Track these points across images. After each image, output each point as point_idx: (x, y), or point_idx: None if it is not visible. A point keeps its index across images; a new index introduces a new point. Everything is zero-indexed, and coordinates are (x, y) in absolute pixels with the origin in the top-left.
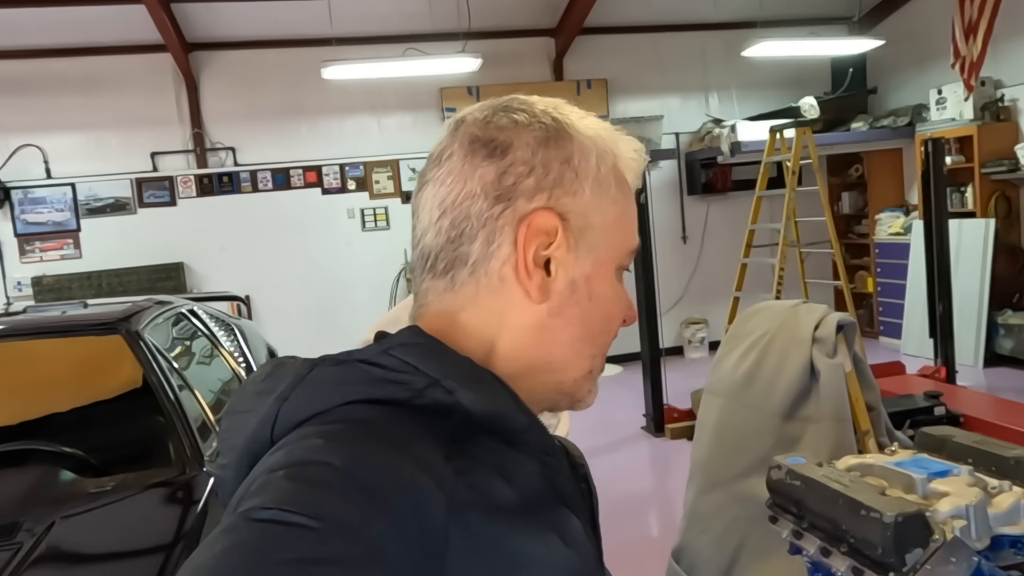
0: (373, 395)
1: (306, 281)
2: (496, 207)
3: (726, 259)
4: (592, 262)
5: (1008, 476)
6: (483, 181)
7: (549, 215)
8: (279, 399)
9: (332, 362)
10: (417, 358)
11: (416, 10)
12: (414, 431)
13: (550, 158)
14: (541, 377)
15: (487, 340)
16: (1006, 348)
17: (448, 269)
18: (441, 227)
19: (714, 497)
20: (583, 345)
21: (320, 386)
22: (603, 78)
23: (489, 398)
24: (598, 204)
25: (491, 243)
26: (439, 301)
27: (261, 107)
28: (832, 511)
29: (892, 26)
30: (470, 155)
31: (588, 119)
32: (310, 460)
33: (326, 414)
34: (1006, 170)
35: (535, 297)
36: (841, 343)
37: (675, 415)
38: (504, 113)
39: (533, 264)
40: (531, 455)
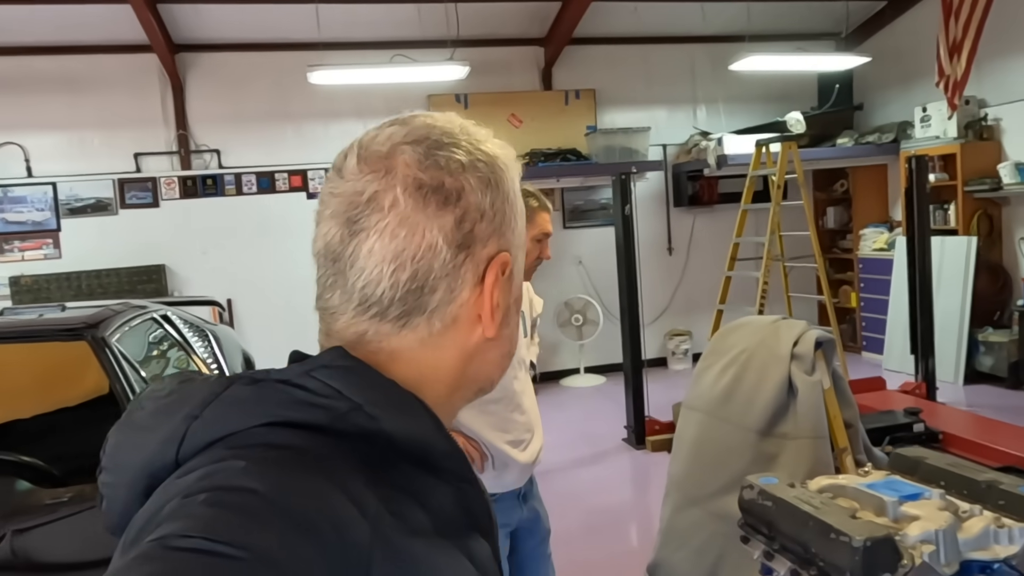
0: (293, 418)
1: (289, 286)
2: (459, 256)
3: (711, 271)
4: (518, 285)
5: (979, 500)
6: (443, 232)
7: (506, 256)
8: (188, 417)
9: (248, 381)
10: (341, 382)
11: (405, 17)
12: (336, 457)
13: (496, 199)
14: (471, 387)
15: (421, 372)
16: (986, 365)
17: (403, 317)
18: (398, 280)
19: (691, 514)
20: (508, 360)
21: (236, 406)
22: (591, 88)
23: (412, 425)
24: (521, 228)
25: (452, 291)
26: (376, 338)
27: (247, 110)
28: (802, 534)
29: (878, 43)
30: (421, 204)
31: (491, 138)
32: (232, 486)
33: (241, 435)
34: (988, 188)
35: (490, 332)
36: (820, 360)
37: (656, 427)
38: (440, 152)
39: (496, 305)
40: (448, 481)
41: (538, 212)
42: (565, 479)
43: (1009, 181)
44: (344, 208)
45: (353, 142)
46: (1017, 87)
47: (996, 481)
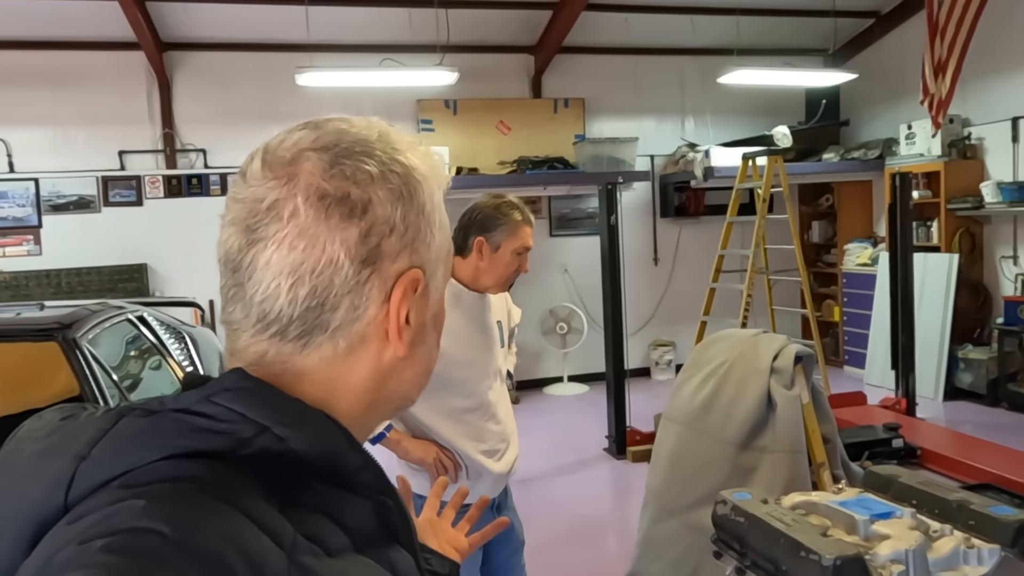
0: (193, 448)
1: None
2: (363, 272)
3: (696, 282)
4: (438, 300)
5: (950, 520)
6: (346, 245)
7: (417, 273)
8: (76, 458)
9: (142, 413)
10: (244, 405)
11: (395, 21)
12: (245, 486)
13: (408, 212)
14: (381, 410)
15: (329, 391)
16: (965, 382)
17: (303, 335)
18: (296, 296)
19: (668, 525)
20: (426, 378)
21: (129, 441)
22: (580, 97)
23: (322, 441)
24: (441, 242)
25: (357, 308)
26: (279, 359)
27: (234, 110)
28: (773, 550)
29: (865, 60)
30: (324, 215)
31: (415, 146)
32: (133, 528)
33: (138, 472)
34: (971, 207)
35: (401, 352)
36: (799, 374)
37: (638, 438)
38: (347, 160)
39: (404, 324)
40: (364, 496)
41: (521, 225)
42: (545, 487)
43: (991, 200)
44: (244, 215)
45: (261, 145)
46: (999, 107)
47: (967, 501)
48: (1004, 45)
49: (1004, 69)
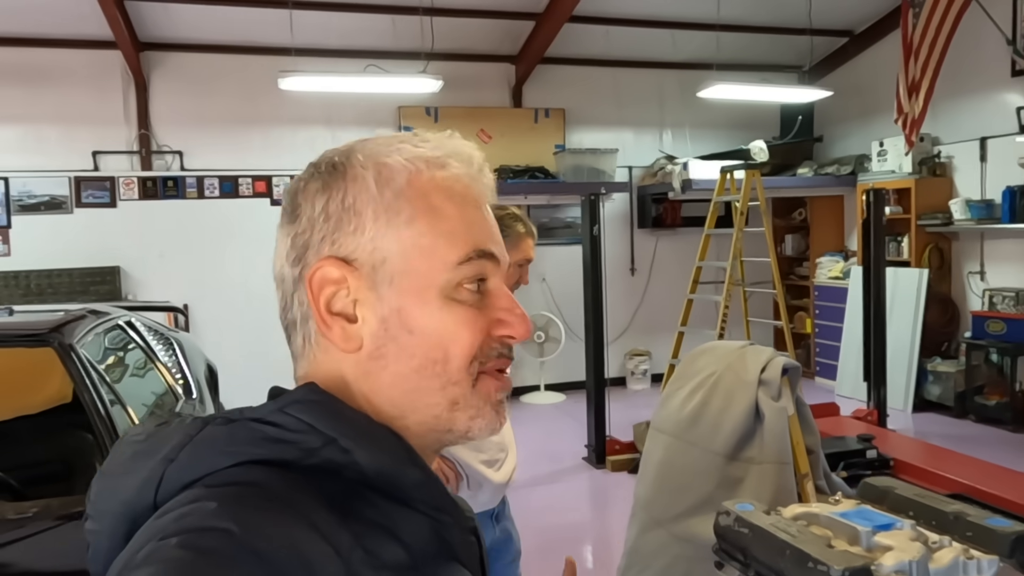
0: (263, 455)
1: (249, 294)
2: (296, 268)
3: (672, 293)
4: (398, 293)
5: (947, 531)
6: (286, 247)
7: (328, 263)
8: (165, 460)
9: (223, 421)
10: (313, 416)
11: (379, 27)
12: (308, 494)
13: (328, 204)
14: (403, 423)
15: (343, 395)
16: (934, 394)
17: (288, 337)
18: (278, 298)
19: (656, 536)
20: (419, 380)
21: (209, 446)
22: (561, 108)
23: (383, 455)
24: (386, 231)
25: (302, 304)
26: (297, 368)
27: (212, 112)
28: (779, 562)
29: (839, 78)
30: (280, 226)
31: (386, 144)
32: (203, 527)
33: (216, 476)
34: (940, 223)
35: (341, 347)
36: (785, 386)
37: (617, 447)
38: (298, 177)
39: (329, 315)
40: (422, 512)
41: (524, 237)
42: (523, 497)
43: (960, 217)
44: None
45: None
46: (968, 127)
47: (963, 513)
48: (973, 68)
49: (973, 91)
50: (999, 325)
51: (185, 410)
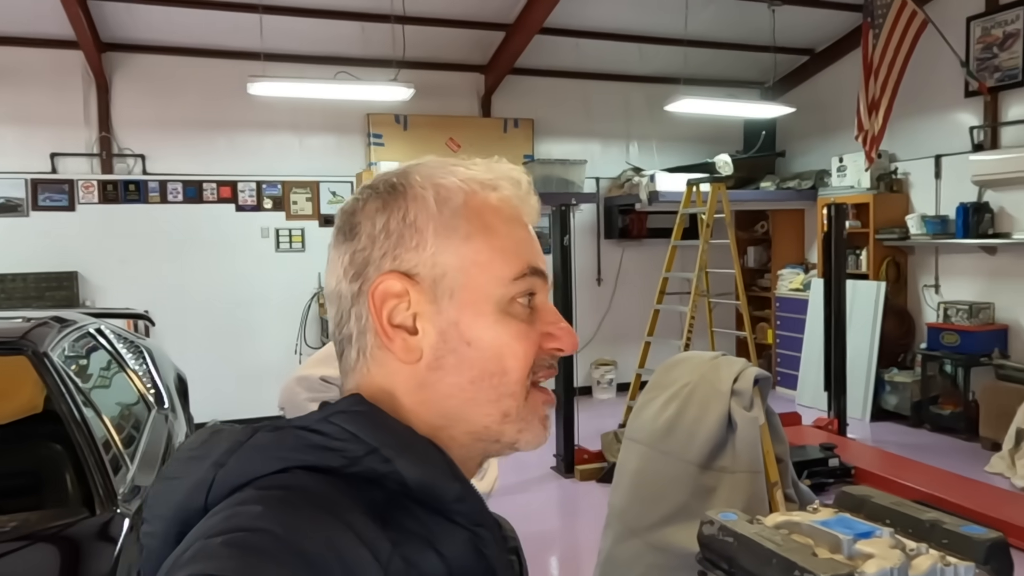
0: (308, 462)
1: (212, 300)
2: (355, 284)
3: (637, 303)
4: (457, 307)
5: (924, 539)
6: (343, 264)
7: (391, 278)
8: (215, 465)
9: (271, 428)
10: (357, 426)
11: (348, 34)
12: (351, 500)
13: (389, 221)
14: (450, 432)
15: (392, 408)
16: (891, 404)
17: (342, 351)
18: (331, 314)
19: (631, 545)
20: (475, 391)
21: (258, 451)
22: (530, 118)
23: (424, 467)
24: (447, 247)
25: (360, 319)
26: (347, 381)
27: (176, 116)
28: (765, 570)
29: (801, 95)
30: (336, 245)
31: (442, 169)
32: (249, 527)
33: (263, 480)
34: (897, 237)
35: (403, 358)
36: (756, 396)
37: (585, 456)
38: (354, 196)
39: (391, 327)
40: (462, 525)
41: None
42: (493, 507)
43: (915, 231)
44: None
45: None
46: (924, 145)
47: (939, 520)
48: (929, 88)
49: (929, 110)
50: (953, 337)
51: (157, 420)
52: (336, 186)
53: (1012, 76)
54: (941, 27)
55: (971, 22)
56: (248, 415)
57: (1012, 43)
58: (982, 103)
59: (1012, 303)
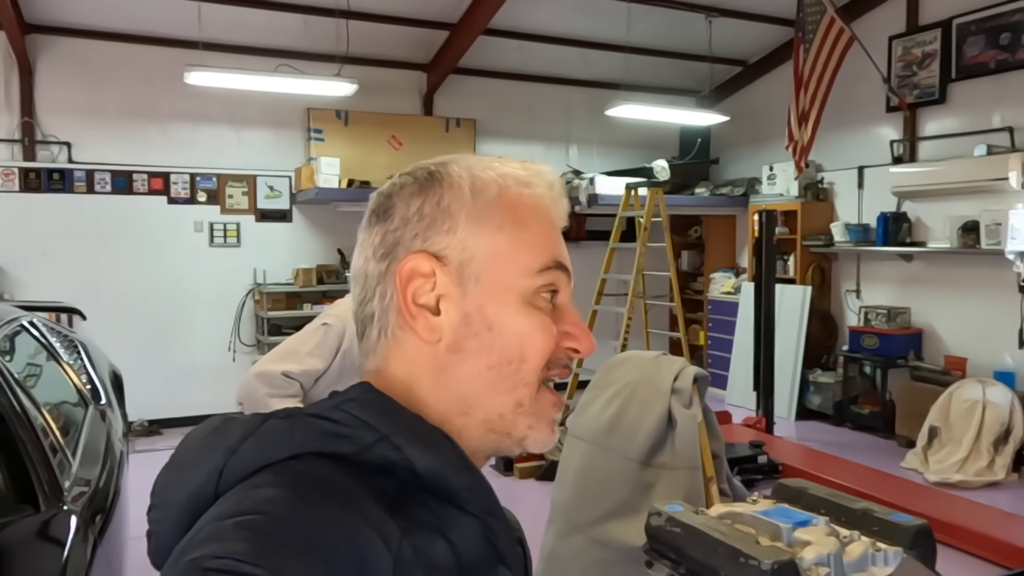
0: (321, 448)
1: (141, 295)
2: (383, 263)
3: (576, 304)
4: (483, 291)
5: (856, 526)
6: (373, 245)
7: (420, 257)
8: (228, 451)
9: (282, 415)
10: (368, 413)
11: (290, 27)
12: (362, 487)
13: (423, 205)
14: (465, 420)
15: (407, 391)
16: (815, 403)
17: (363, 330)
18: (355, 294)
19: (574, 540)
20: (493, 377)
21: (269, 439)
22: (472, 118)
23: (435, 456)
24: (478, 234)
25: (385, 297)
26: (367, 362)
27: (106, 103)
28: (712, 558)
29: (734, 104)
30: (368, 226)
31: (478, 163)
32: (262, 510)
33: (275, 466)
34: (822, 244)
35: (425, 337)
36: (695, 395)
37: (524, 454)
38: (390, 180)
39: (415, 306)
40: (473, 514)
41: None
42: None
43: (839, 239)
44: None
45: None
46: (848, 156)
47: (869, 510)
48: (855, 103)
49: (853, 123)
50: (873, 340)
51: (94, 416)
52: (274, 180)
53: (929, 94)
54: (866, 45)
55: (893, 41)
56: (179, 415)
57: (930, 62)
58: (902, 118)
59: (926, 308)
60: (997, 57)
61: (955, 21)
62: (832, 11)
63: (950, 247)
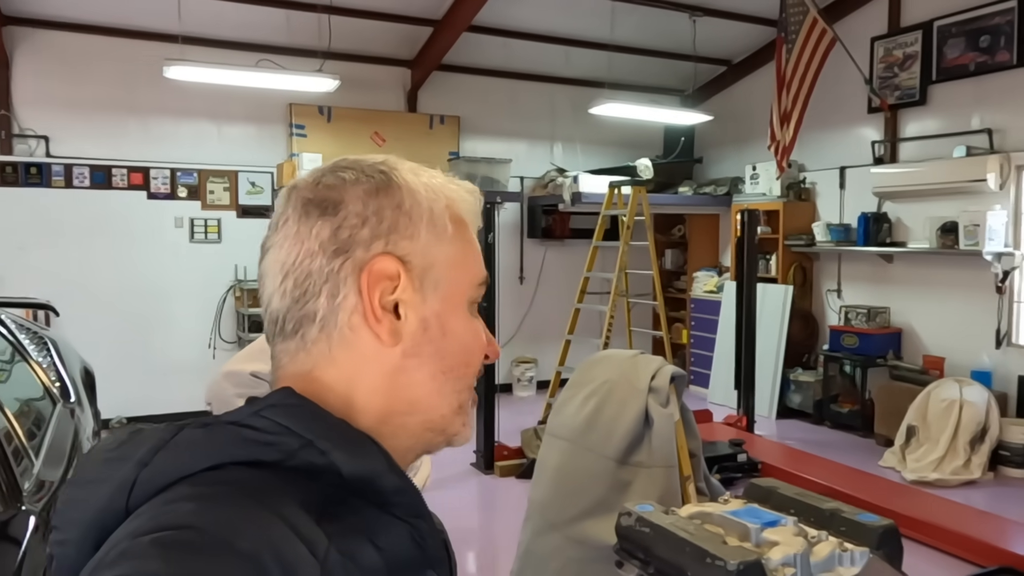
0: (243, 457)
1: (120, 291)
2: (335, 260)
3: (559, 302)
4: (440, 299)
5: (824, 526)
6: (320, 239)
7: (388, 259)
8: (138, 464)
9: (199, 425)
10: (290, 419)
11: (273, 21)
12: (287, 495)
13: (382, 206)
14: (404, 420)
15: (346, 393)
16: (795, 402)
17: (297, 329)
18: (285, 289)
19: (550, 539)
20: (444, 381)
21: (186, 449)
22: (456, 115)
23: (362, 460)
24: (436, 244)
25: (336, 296)
26: (293, 363)
27: (85, 97)
28: (679, 558)
29: (718, 104)
30: (304, 217)
31: (418, 170)
32: (179, 525)
33: (193, 478)
34: (804, 244)
35: (387, 341)
36: (672, 393)
37: (505, 453)
38: (332, 173)
39: (381, 309)
40: (401, 518)
41: None
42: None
43: (821, 239)
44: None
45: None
46: (830, 157)
47: (838, 510)
48: (836, 103)
49: (835, 124)
50: (853, 339)
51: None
52: (255, 176)
53: (910, 95)
54: (848, 46)
55: (875, 42)
56: (158, 412)
57: (911, 64)
58: (883, 119)
59: (905, 308)
60: (977, 59)
61: (936, 23)
62: (815, 12)
63: (929, 247)
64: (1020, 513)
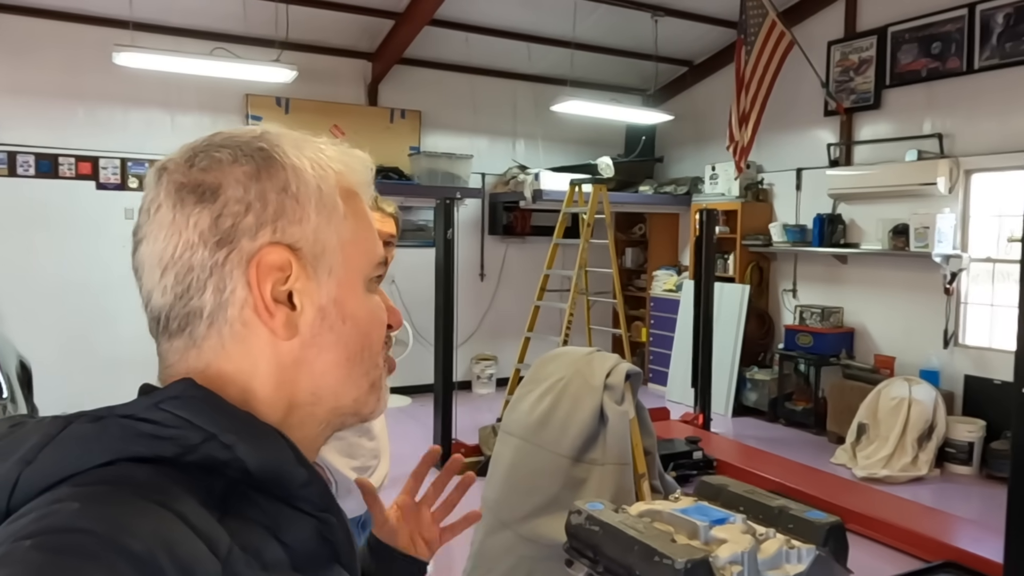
0: (138, 453)
1: (66, 285)
2: (219, 252)
3: (519, 299)
4: (336, 284)
5: (773, 524)
6: (199, 229)
7: (277, 249)
8: (20, 462)
9: (90, 419)
10: (192, 412)
11: (227, 10)
12: (186, 491)
13: (265, 189)
14: (311, 410)
15: (244, 389)
16: (751, 400)
17: (183, 327)
18: (166, 285)
19: (502, 537)
20: (349, 367)
21: (75, 445)
22: (417, 110)
23: (268, 452)
24: (328, 225)
25: (223, 290)
26: (183, 361)
27: (30, 83)
28: (627, 557)
29: (679, 104)
30: (179, 204)
31: (302, 143)
32: (65, 527)
33: (82, 476)
34: (761, 244)
35: (282, 334)
36: (628, 391)
37: (463, 450)
38: (205, 154)
39: (273, 302)
40: (307, 512)
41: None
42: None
43: (777, 239)
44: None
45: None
46: (787, 159)
47: (786, 507)
48: (793, 106)
49: (792, 126)
50: (807, 338)
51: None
52: None
53: (865, 99)
54: (806, 49)
55: (832, 46)
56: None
57: (866, 68)
58: (839, 122)
59: (858, 308)
60: (928, 65)
61: (890, 29)
62: (773, 14)
63: (881, 249)
64: (964, 509)
